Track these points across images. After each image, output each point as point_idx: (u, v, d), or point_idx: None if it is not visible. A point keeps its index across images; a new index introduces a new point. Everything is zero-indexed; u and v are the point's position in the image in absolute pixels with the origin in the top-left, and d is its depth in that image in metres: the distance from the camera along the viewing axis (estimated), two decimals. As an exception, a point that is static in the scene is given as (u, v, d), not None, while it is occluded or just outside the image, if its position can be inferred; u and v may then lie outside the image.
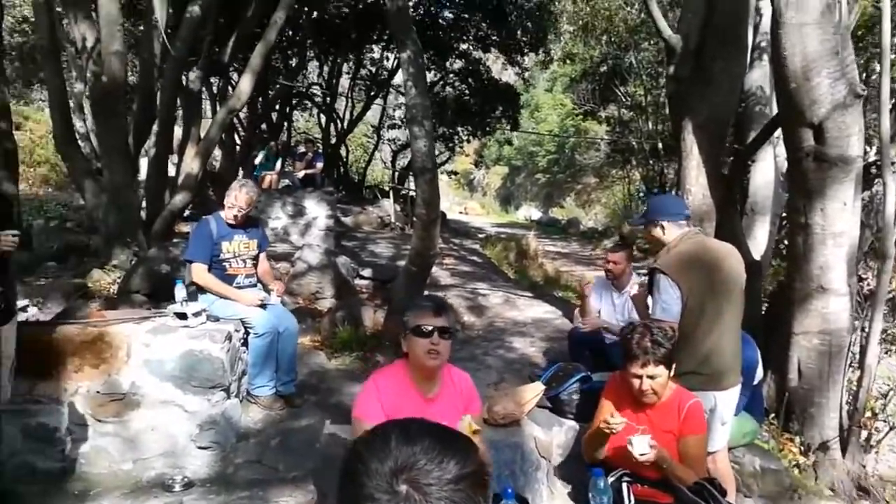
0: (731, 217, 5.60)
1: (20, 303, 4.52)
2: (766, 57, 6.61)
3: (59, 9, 8.37)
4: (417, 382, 2.56)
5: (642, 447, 2.69)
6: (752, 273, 4.24)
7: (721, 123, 5.55)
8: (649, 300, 3.51)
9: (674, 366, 2.86)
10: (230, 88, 13.85)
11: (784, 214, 7.38)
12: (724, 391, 3.24)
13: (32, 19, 11.97)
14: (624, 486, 2.82)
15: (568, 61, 22.01)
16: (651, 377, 2.78)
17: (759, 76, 6.71)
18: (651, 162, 19.35)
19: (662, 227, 3.38)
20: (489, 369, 5.37)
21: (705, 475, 2.79)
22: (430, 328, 2.45)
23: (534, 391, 3.59)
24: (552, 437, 3.56)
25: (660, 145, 17.93)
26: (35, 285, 6.47)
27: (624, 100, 19.93)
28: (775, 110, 5.76)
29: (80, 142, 8.77)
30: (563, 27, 18.66)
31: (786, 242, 8.30)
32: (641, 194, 21.19)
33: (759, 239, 6.57)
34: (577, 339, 4.89)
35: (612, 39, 17.80)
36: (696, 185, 5.42)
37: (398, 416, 2.39)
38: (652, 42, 16.96)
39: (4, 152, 7.66)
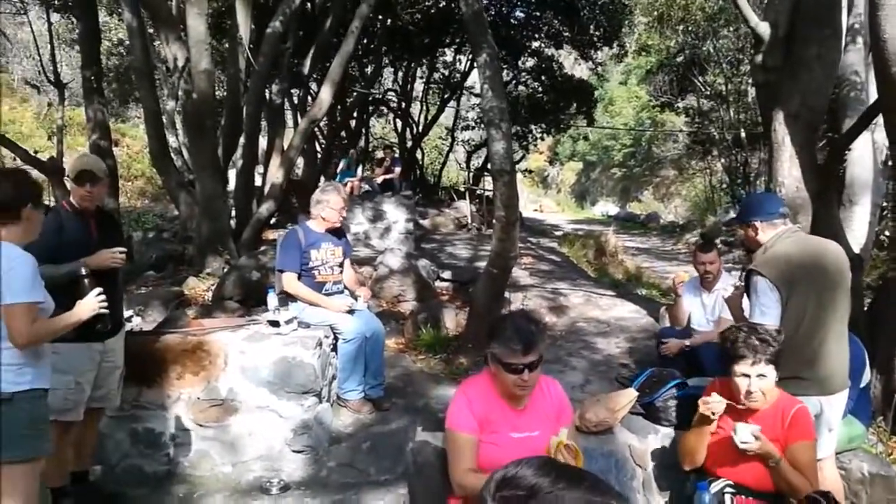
0: (828, 209, 5.32)
1: (126, 313, 4.77)
2: (860, 40, 6.22)
3: (151, 31, 8.84)
4: (505, 397, 2.51)
5: (745, 435, 2.58)
6: (853, 267, 3.97)
7: (815, 112, 5.27)
8: (745, 303, 3.38)
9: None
10: (310, 98, 14.28)
11: (885, 204, 6.96)
12: (831, 395, 3.07)
13: (127, 42, 12.74)
14: (727, 497, 2.70)
15: (643, 53, 21.46)
16: (760, 376, 2.66)
17: (853, 60, 6.32)
18: (734, 152, 18.62)
19: (756, 228, 3.25)
20: (574, 371, 5.29)
21: (818, 485, 2.65)
22: (520, 367, 2.37)
23: (627, 397, 3.50)
24: (648, 444, 3.46)
25: (742, 135, 17.23)
26: (136, 294, 6.84)
27: (703, 89, 19.26)
28: (873, 96, 5.44)
29: (173, 156, 9.26)
30: (637, 19, 18.22)
31: (887, 234, 7.84)
32: (724, 186, 20.45)
33: (858, 231, 6.18)
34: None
35: (690, 28, 17.23)
36: (790, 177, 5.18)
37: (489, 426, 2.39)
38: (731, 29, 16.34)
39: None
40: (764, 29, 5.39)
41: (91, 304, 2.76)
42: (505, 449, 2.42)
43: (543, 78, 18.25)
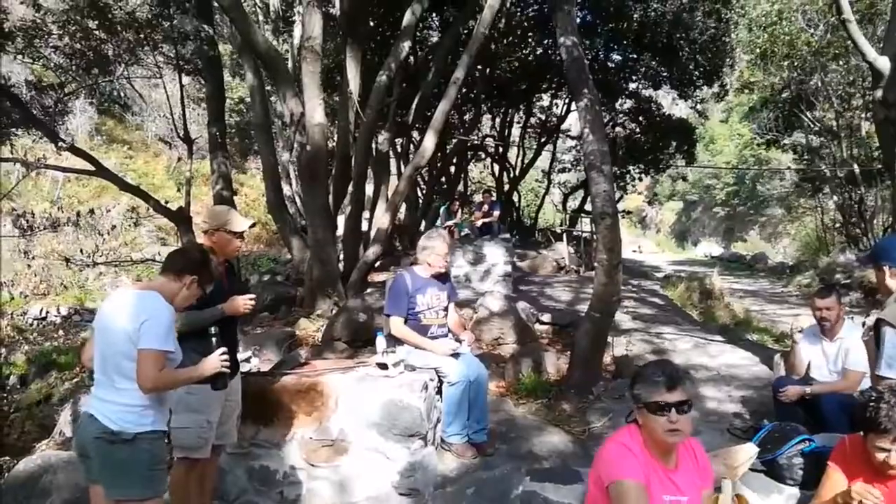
0: (963, 252, 4.95)
1: (245, 354, 5.05)
2: None
3: (268, 88, 9.51)
4: (656, 453, 2.39)
5: None
6: None
7: (944, 149, 5.00)
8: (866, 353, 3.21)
9: None
10: (412, 146, 14.80)
11: None
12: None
13: (247, 100, 13.75)
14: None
15: (745, 90, 20.81)
16: None
17: None
18: (848, 189, 17.60)
19: (884, 273, 3.10)
20: (685, 421, 5.09)
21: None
22: (666, 407, 2.28)
23: (746, 453, 3.32)
24: (770, 505, 3.28)
25: (857, 171, 16.27)
26: (252, 334, 7.24)
27: (812, 125, 18.40)
28: None
29: (287, 204, 9.85)
30: (739, 56, 17.75)
31: None
32: (838, 225, 19.34)
33: None
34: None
35: (795, 64, 16.58)
36: (916, 218, 4.90)
37: (647, 484, 2.29)
38: (841, 62, 15.60)
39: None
40: (883, 63, 5.20)
41: (215, 362, 2.94)
42: None
43: (641, 118, 18.14)
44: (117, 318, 2.75)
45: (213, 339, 3.06)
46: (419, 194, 16.87)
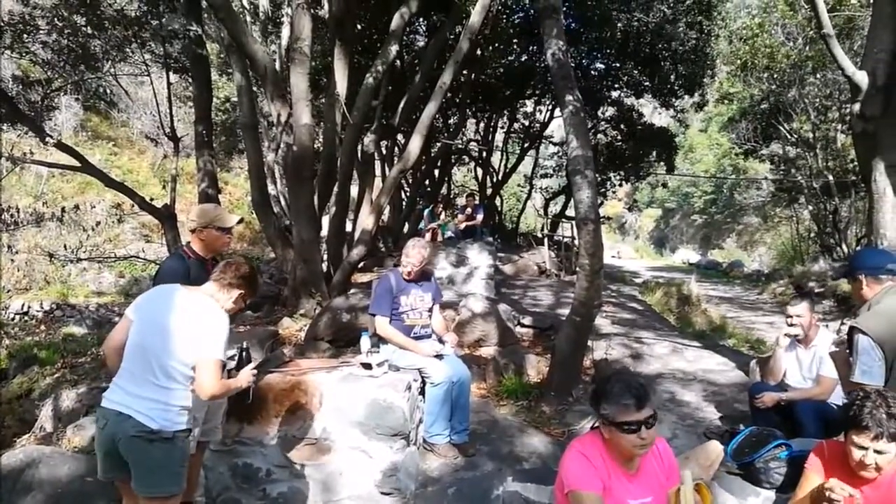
0: (939, 263, 5.13)
1: (230, 352, 5.08)
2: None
3: (255, 88, 9.52)
4: (618, 460, 2.46)
5: None
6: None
7: (920, 160, 5.16)
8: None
9: None
10: (397, 149, 14.83)
11: None
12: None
13: (233, 99, 13.68)
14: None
15: (725, 101, 21.16)
16: (878, 452, 2.52)
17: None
18: (823, 200, 17.99)
19: (861, 283, 3.24)
20: (660, 425, 5.19)
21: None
22: (636, 425, 2.33)
23: (715, 450, 3.43)
24: (748, 508, 3.37)
25: (831, 182, 16.64)
26: (235, 333, 7.23)
27: (789, 136, 18.76)
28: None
29: (272, 203, 9.84)
30: (719, 67, 18.06)
31: None
32: (812, 234, 19.75)
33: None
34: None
35: (774, 76, 16.92)
36: (891, 228, 5.06)
37: (607, 492, 2.38)
38: (818, 75, 15.96)
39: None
40: (861, 78, 5.32)
41: (248, 375, 3.07)
42: None
43: (623, 126, 18.31)
44: (174, 318, 2.78)
45: (243, 353, 3.17)
46: (403, 196, 16.93)
